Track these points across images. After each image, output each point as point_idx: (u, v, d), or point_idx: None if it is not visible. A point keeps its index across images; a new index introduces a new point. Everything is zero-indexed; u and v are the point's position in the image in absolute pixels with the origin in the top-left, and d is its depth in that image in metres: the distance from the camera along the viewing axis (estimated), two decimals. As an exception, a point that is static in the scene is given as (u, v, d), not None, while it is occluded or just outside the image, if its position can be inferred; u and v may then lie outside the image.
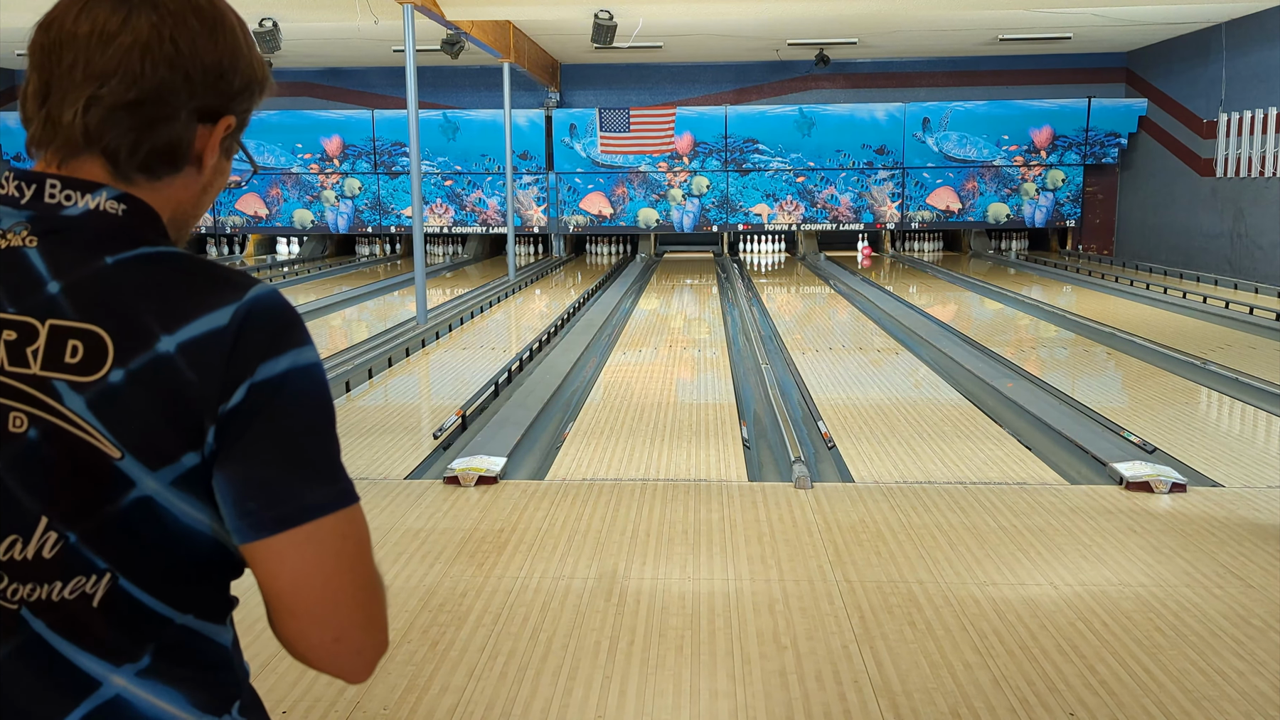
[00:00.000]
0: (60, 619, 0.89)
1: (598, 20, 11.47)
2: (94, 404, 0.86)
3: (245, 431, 0.88)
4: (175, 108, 0.94)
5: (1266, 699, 2.78)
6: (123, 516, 0.88)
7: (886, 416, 6.07)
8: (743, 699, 2.80)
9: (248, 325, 0.89)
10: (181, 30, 0.94)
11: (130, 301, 0.87)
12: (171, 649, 0.94)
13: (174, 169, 0.96)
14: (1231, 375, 6.98)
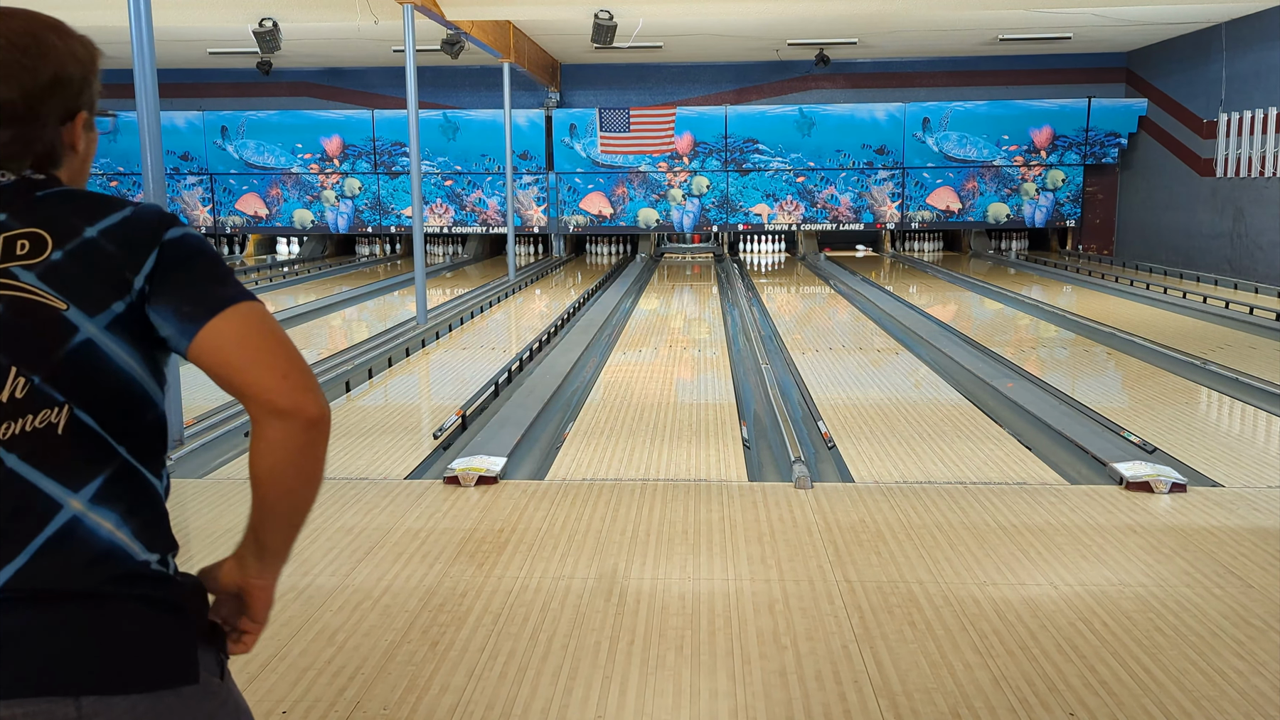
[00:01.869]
0: (31, 449, 1.14)
1: (598, 20, 11.47)
2: (43, 275, 1.17)
3: (166, 277, 1.21)
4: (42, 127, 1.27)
5: (1266, 699, 2.77)
6: (71, 356, 1.16)
7: (886, 416, 6.07)
8: (743, 699, 2.80)
9: (140, 215, 1.24)
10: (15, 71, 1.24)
11: (59, 212, 1.22)
12: (117, 478, 1.19)
13: (57, 166, 1.30)
14: (1231, 375, 6.98)
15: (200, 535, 4.23)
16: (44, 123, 1.26)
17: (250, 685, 2.90)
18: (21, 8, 1.32)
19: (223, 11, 11.98)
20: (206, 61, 16.44)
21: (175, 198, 17.33)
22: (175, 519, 4.20)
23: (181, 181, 17.31)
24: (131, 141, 16.77)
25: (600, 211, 17.13)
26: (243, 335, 1.20)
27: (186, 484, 4.88)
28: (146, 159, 5.31)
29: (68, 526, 1.15)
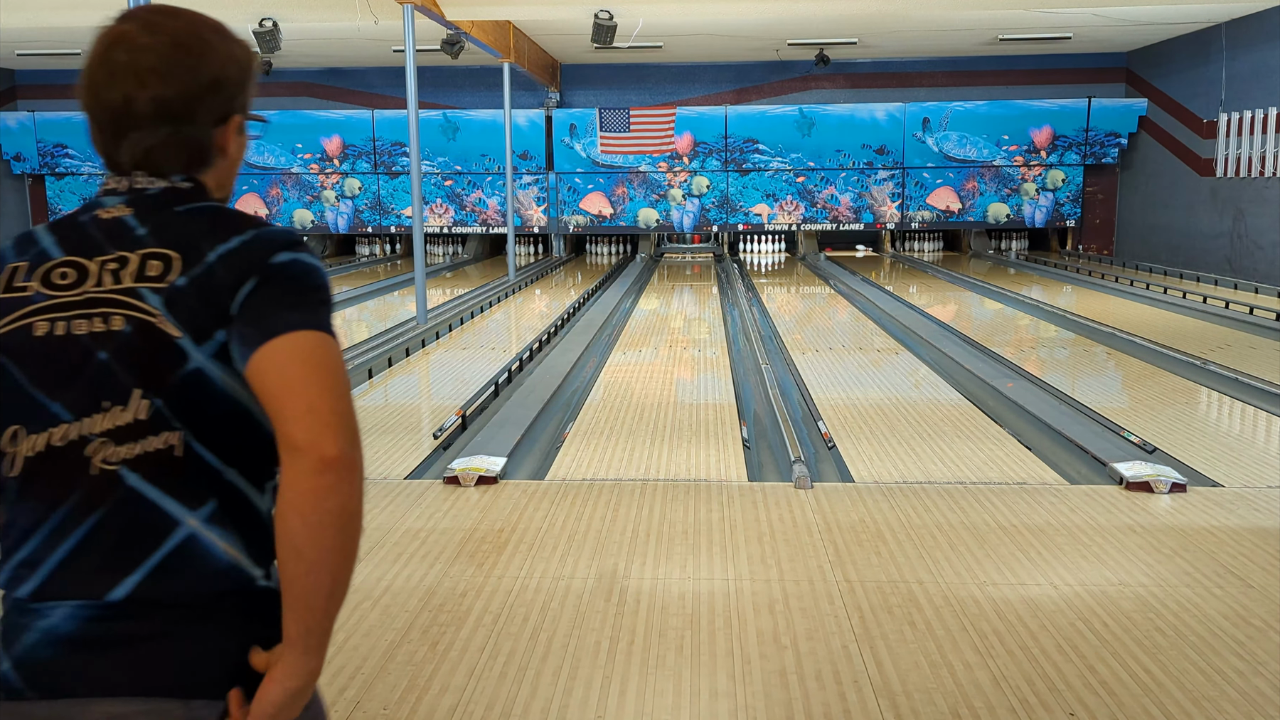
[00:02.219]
0: (151, 470, 1.18)
1: (598, 20, 11.47)
2: (167, 301, 1.18)
3: (254, 298, 1.19)
4: (197, 128, 1.28)
5: (1266, 699, 2.78)
6: (184, 384, 1.18)
7: (886, 416, 6.07)
8: (743, 699, 2.80)
9: (260, 238, 1.23)
10: (179, 70, 1.26)
11: (193, 233, 1.22)
12: (228, 500, 1.22)
13: (207, 166, 1.31)
14: (1231, 375, 6.98)
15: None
16: (199, 124, 1.27)
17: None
18: (186, 9, 1.30)
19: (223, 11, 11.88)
20: (206, 61, 16.42)
21: (175, 198, 17.33)
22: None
23: (181, 181, 17.30)
24: (131, 141, 16.76)
25: (600, 211, 17.13)
26: (285, 363, 1.17)
27: (186, 484, 4.87)
28: (146, 159, 5.30)
29: (186, 543, 1.20)
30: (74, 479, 1.18)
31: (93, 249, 1.22)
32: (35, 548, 1.20)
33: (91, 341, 1.18)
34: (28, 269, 1.23)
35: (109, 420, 1.18)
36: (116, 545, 1.19)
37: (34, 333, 1.19)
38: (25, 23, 12.29)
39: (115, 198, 1.26)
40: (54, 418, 1.19)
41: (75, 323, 1.19)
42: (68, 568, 1.19)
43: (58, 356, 1.19)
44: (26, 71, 17.58)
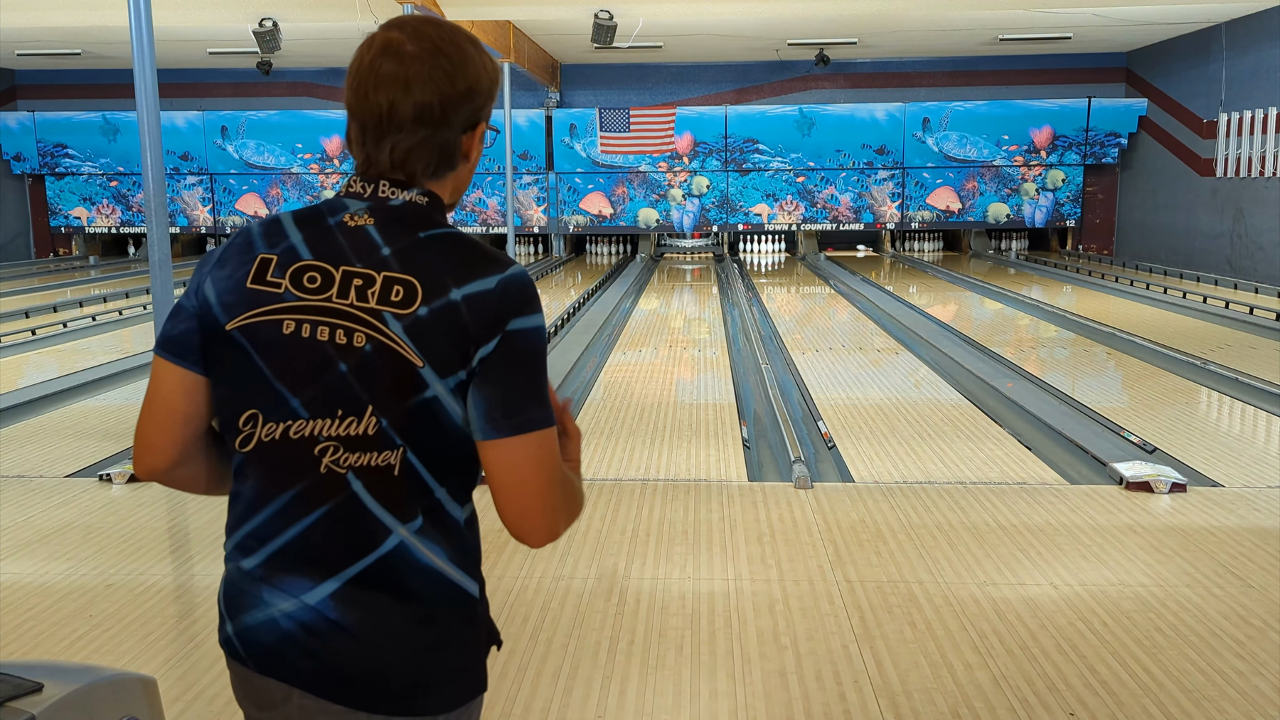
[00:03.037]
0: (372, 481, 1.27)
1: (598, 20, 11.47)
2: (408, 329, 1.24)
3: (498, 365, 1.25)
4: (449, 131, 1.34)
5: (1266, 699, 2.77)
6: (417, 409, 1.25)
7: (886, 416, 6.07)
8: (743, 699, 2.80)
9: (506, 291, 1.27)
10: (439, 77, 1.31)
11: (435, 264, 1.27)
12: (434, 515, 1.30)
13: (452, 169, 1.37)
14: (1231, 375, 6.98)
15: (200, 535, 4.23)
16: (452, 128, 1.33)
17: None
18: (444, 19, 1.40)
19: (223, 11, 11.98)
20: (206, 61, 16.44)
21: (175, 197, 17.34)
22: (174, 519, 4.19)
23: (181, 181, 17.31)
24: (131, 141, 16.78)
25: (600, 211, 17.13)
26: (519, 464, 1.27)
27: (186, 484, 4.87)
28: (146, 159, 5.31)
29: (396, 550, 1.28)
30: (304, 471, 1.28)
31: (339, 258, 1.29)
32: (262, 523, 1.30)
33: (334, 351, 1.26)
34: (278, 264, 1.30)
35: (341, 427, 1.26)
36: (335, 541, 1.28)
37: (283, 330, 1.28)
38: (25, 23, 12.29)
39: (359, 203, 1.33)
40: (294, 412, 1.28)
41: (320, 329, 1.27)
42: (288, 553, 1.29)
43: (301, 356, 1.27)
44: (26, 71, 17.58)
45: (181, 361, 1.33)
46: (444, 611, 1.31)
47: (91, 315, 10.60)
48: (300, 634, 1.29)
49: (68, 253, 18.02)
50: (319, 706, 1.29)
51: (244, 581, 1.32)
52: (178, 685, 2.92)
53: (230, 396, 1.31)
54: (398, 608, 1.29)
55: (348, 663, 1.28)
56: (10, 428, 6.03)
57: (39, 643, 3.22)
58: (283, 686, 1.30)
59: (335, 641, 1.28)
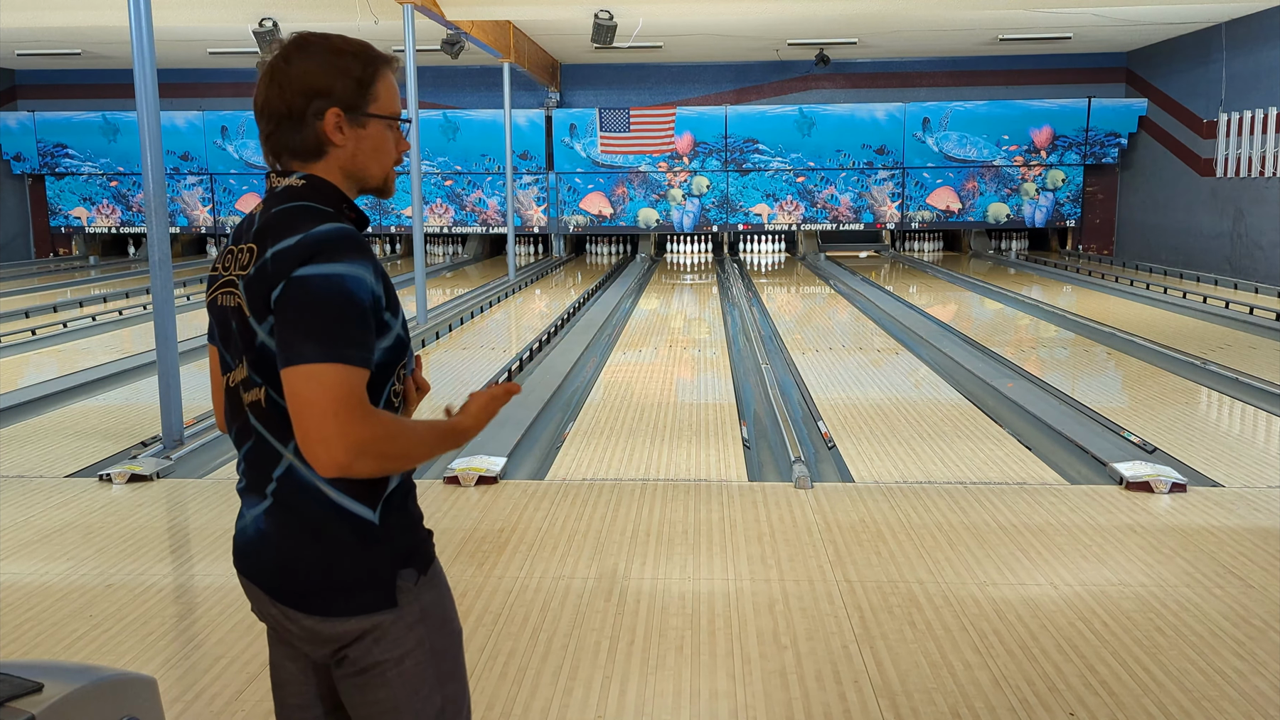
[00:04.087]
0: (257, 414, 1.56)
1: (598, 20, 11.47)
2: (245, 286, 1.52)
3: (284, 306, 1.46)
4: (301, 124, 1.59)
5: (1266, 699, 2.77)
6: (257, 351, 1.52)
7: (886, 416, 6.06)
8: (743, 699, 2.80)
9: (302, 244, 1.48)
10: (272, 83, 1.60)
11: (268, 230, 1.52)
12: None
13: (323, 153, 1.61)
14: (1231, 375, 6.98)
15: (200, 535, 4.23)
16: (301, 120, 1.58)
17: (251, 684, 2.90)
18: (318, 32, 1.68)
19: (223, 11, 11.98)
20: (206, 61, 16.44)
21: (175, 197, 17.33)
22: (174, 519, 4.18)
23: (181, 181, 17.31)
24: (131, 141, 16.77)
25: (600, 211, 17.13)
26: (297, 394, 1.44)
27: (186, 484, 4.88)
28: (146, 159, 5.31)
29: (289, 470, 1.55)
30: (237, 411, 1.60)
31: (238, 238, 1.60)
32: (238, 456, 1.63)
33: (230, 314, 1.57)
34: (222, 250, 1.64)
35: (239, 374, 1.57)
36: (255, 465, 1.58)
37: (217, 303, 1.61)
38: (25, 23, 12.28)
39: (265, 194, 1.64)
40: (228, 364, 1.60)
41: (224, 297, 1.59)
42: (243, 477, 1.62)
43: (221, 320, 1.60)
44: (26, 71, 17.58)
45: (210, 340, 1.68)
46: (334, 528, 1.54)
47: (91, 315, 10.60)
48: (255, 539, 1.59)
49: (68, 253, 18.02)
50: (269, 601, 1.59)
51: (240, 499, 1.65)
52: (178, 685, 2.92)
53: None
54: (297, 521, 1.55)
55: (275, 566, 1.56)
56: (10, 428, 6.03)
57: (39, 643, 3.22)
58: (248, 583, 1.61)
59: (264, 546, 1.57)
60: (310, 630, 1.56)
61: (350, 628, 1.54)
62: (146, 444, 5.46)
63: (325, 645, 1.57)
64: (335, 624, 1.54)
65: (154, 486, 4.81)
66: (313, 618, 1.54)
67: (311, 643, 1.58)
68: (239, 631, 3.25)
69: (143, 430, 5.79)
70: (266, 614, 1.62)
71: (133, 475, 4.86)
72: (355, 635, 1.55)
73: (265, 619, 1.64)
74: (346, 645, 1.56)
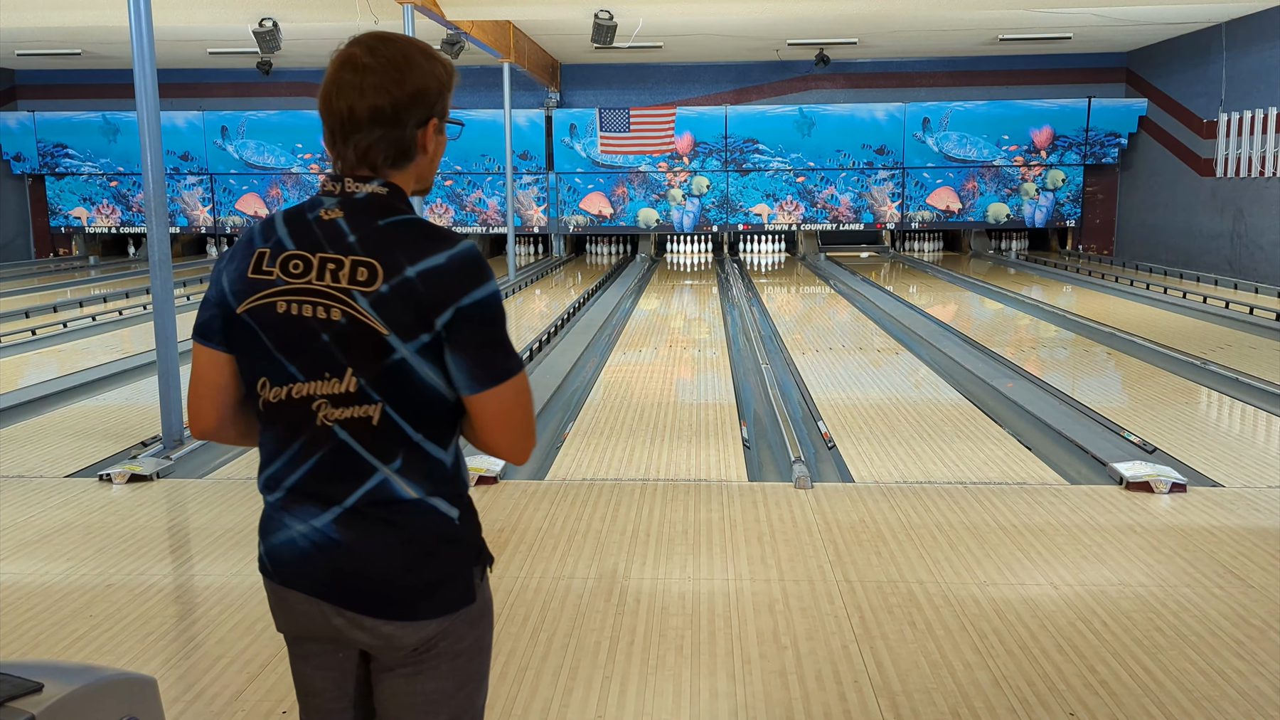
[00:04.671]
0: (355, 430, 1.52)
1: (598, 20, 11.47)
2: (374, 303, 1.48)
3: (464, 332, 1.50)
4: (404, 129, 1.58)
5: (1266, 699, 2.77)
6: (389, 369, 1.50)
7: (886, 416, 6.06)
8: (743, 699, 2.80)
9: (452, 265, 1.50)
10: (388, 83, 1.56)
11: (391, 246, 1.51)
12: (413, 456, 1.55)
13: (410, 160, 1.60)
14: (1231, 375, 6.98)
15: (200, 535, 4.23)
16: (405, 126, 1.57)
17: (251, 684, 2.90)
18: (399, 33, 1.64)
19: (223, 11, 11.98)
20: (206, 61, 16.44)
21: (175, 197, 17.33)
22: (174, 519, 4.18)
23: (181, 181, 17.30)
24: (131, 141, 16.77)
25: (600, 211, 17.13)
26: (506, 407, 1.55)
27: (186, 484, 4.88)
28: (146, 159, 5.31)
29: (380, 485, 1.54)
30: (304, 423, 1.54)
31: (316, 246, 1.53)
32: (279, 468, 1.58)
33: (316, 324, 1.51)
34: (269, 255, 1.55)
35: (328, 387, 1.52)
36: (332, 480, 1.54)
37: (277, 309, 1.53)
38: (25, 23, 12.28)
39: (331, 199, 1.57)
40: (293, 376, 1.53)
41: (304, 306, 1.51)
42: (299, 489, 1.56)
43: (293, 330, 1.52)
44: (26, 71, 17.58)
45: (208, 343, 1.60)
46: (424, 533, 1.55)
47: (91, 315, 10.60)
48: (312, 550, 1.55)
49: (68, 253, 18.02)
50: (335, 612, 1.55)
51: (270, 510, 1.61)
52: (178, 685, 2.92)
53: (246, 367, 1.58)
54: (385, 529, 1.54)
55: (350, 574, 1.54)
56: (10, 428, 6.03)
57: (39, 643, 3.22)
58: (301, 596, 1.57)
59: (339, 556, 1.54)
60: (388, 636, 1.55)
61: (433, 629, 1.56)
62: (146, 444, 5.46)
63: (401, 650, 1.57)
64: (420, 627, 1.55)
65: (154, 486, 4.82)
66: (394, 623, 1.54)
67: (387, 648, 1.57)
68: (239, 631, 3.25)
69: (143, 430, 5.79)
70: (320, 627, 1.58)
71: (133, 475, 4.86)
72: (436, 635, 1.56)
73: (309, 633, 1.61)
74: (428, 649, 1.57)
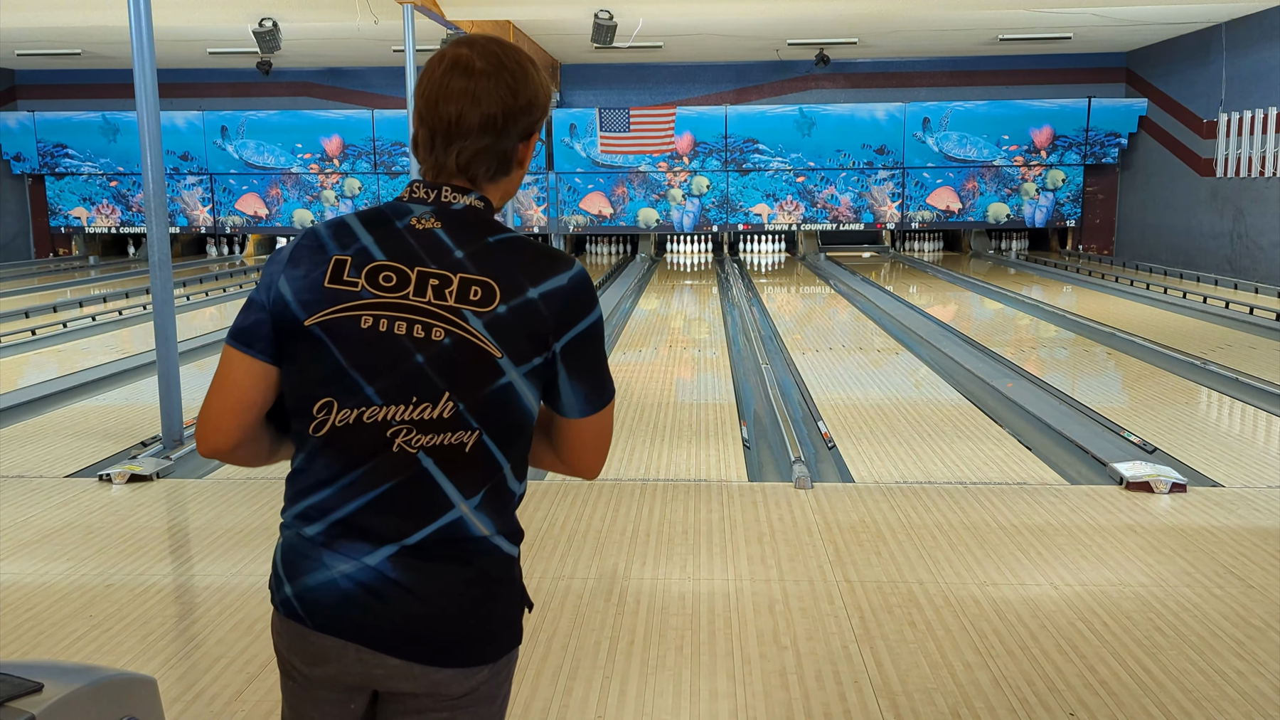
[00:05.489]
0: (442, 458, 1.40)
1: (598, 20, 11.47)
2: (489, 324, 1.39)
3: (582, 357, 1.45)
4: (509, 140, 1.48)
5: (1266, 699, 2.77)
6: (494, 394, 1.40)
7: (886, 416, 6.06)
8: (743, 699, 2.80)
9: (574, 288, 1.44)
10: (503, 91, 1.45)
11: (509, 266, 1.42)
12: (495, 491, 1.45)
13: (507, 174, 1.51)
14: (1231, 375, 6.98)
15: (200, 535, 4.23)
16: (511, 137, 1.47)
17: (251, 684, 2.90)
18: (508, 40, 1.55)
19: (223, 11, 11.98)
20: (206, 61, 16.44)
21: (175, 197, 17.33)
22: (174, 519, 4.18)
23: (181, 181, 17.30)
24: (131, 141, 16.77)
25: (600, 211, 17.13)
26: (601, 429, 1.53)
27: (186, 484, 4.88)
28: (146, 159, 5.31)
29: (456, 523, 1.42)
30: (375, 450, 1.39)
31: (412, 259, 1.42)
32: (328, 496, 1.42)
33: (411, 344, 1.39)
34: (353, 264, 1.41)
35: (414, 412, 1.39)
36: (398, 513, 1.40)
37: (361, 324, 1.39)
38: (25, 23, 12.29)
39: (423, 207, 1.46)
40: (368, 399, 1.39)
41: (397, 323, 1.39)
42: (350, 522, 1.41)
43: (378, 348, 1.39)
44: (26, 71, 17.58)
45: (250, 350, 1.44)
46: (490, 574, 1.45)
47: (91, 315, 10.60)
48: (359, 593, 1.40)
49: (68, 253, 18.02)
50: (377, 660, 1.40)
51: (304, 547, 1.43)
52: (178, 685, 2.92)
53: (304, 385, 1.42)
54: (451, 570, 1.41)
55: (406, 619, 1.40)
56: (10, 428, 6.03)
57: (39, 643, 3.22)
58: (338, 642, 1.41)
59: (395, 598, 1.39)
60: (438, 684, 1.41)
61: (484, 676, 1.44)
62: (146, 444, 5.46)
63: (444, 698, 1.43)
64: (473, 673, 1.43)
65: (154, 486, 4.82)
66: (448, 670, 1.41)
67: (430, 695, 1.42)
68: (239, 631, 3.25)
69: (143, 430, 5.79)
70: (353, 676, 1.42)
71: (133, 475, 4.86)
72: (484, 682, 1.44)
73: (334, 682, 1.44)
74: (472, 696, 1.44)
